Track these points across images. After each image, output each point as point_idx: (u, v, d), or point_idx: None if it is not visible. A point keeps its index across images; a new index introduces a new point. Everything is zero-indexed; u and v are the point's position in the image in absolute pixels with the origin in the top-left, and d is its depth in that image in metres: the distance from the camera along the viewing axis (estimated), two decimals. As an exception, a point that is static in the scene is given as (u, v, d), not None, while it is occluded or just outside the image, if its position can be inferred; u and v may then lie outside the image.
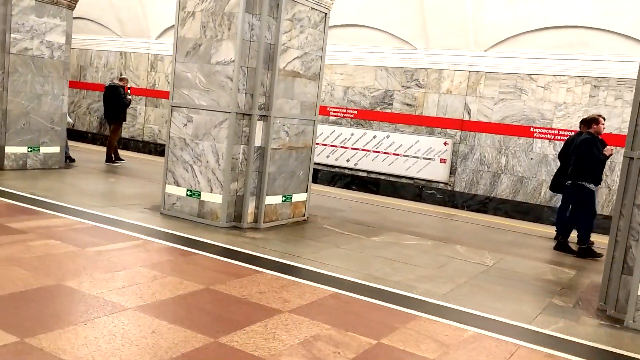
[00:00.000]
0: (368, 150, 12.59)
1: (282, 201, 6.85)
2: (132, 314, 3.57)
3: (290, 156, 6.88)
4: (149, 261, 4.76)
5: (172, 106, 6.70)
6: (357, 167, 12.70)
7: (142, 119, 15.92)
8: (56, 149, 9.37)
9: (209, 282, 4.36)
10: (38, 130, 9.02)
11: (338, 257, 5.56)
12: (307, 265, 5.13)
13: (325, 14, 6.98)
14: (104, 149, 13.89)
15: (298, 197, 7.12)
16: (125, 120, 11.27)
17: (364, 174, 12.60)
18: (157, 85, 15.91)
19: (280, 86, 6.49)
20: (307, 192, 7.28)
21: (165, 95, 15.96)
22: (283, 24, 6.33)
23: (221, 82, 6.29)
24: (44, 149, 9.16)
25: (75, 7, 9.38)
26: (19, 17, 8.54)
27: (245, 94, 6.32)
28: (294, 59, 6.63)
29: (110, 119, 10.87)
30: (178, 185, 6.68)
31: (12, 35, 8.49)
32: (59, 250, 4.78)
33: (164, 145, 16.04)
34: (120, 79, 11.15)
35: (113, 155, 10.81)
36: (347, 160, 12.67)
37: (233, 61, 6.19)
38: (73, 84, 15.61)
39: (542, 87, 10.59)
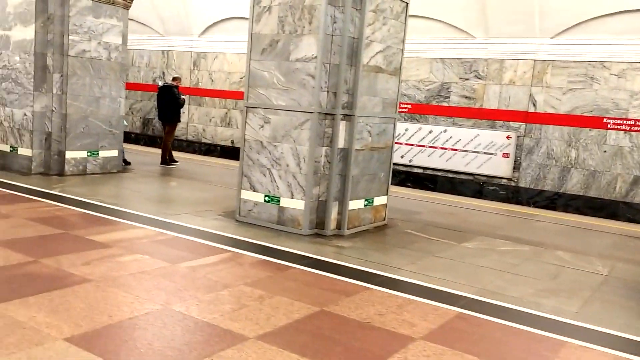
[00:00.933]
0: (424, 146, 12.10)
1: (364, 205, 6.44)
2: (256, 345, 3.20)
3: (372, 157, 6.45)
4: (248, 278, 4.40)
5: (247, 107, 6.32)
6: (412, 163, 12.21)
7: (185, 117, 15.65)
8: (114, 153, 9.13)
9: (320, 302, 3.98)
10: (97, 134, 8.77)
11: (440, 268, 5.13)
12: (412, 279, 4.71)
13: (407, 3, 6.51)
14: (149, 149, 13.71)
15: (379, 201, 6.70)
16: (179, 121, 10.97)
17: (420, 170, 12.11)
18: (200, 84, 15.63)
19: (364, 83, 6.05)
20: (387, 194, 6.85)
21: (208, 93, 15.68)
22: (367, 16, 5.89)
23: (302, 80, 5.89)
24: (102, 153, 8.92)
25: (130, 6, 9.09)
26: (77, 19, 8.27)
27: (328, 92, 5.91)
28: (376, 53, 6.19)
29: (165, 120, 10.58)
30: (255, 190, 6.31)
31: (70, 37, 8.23)
32: (152, 267, 4.46)
33: (208, 144, 15.83)
34: (174, 79, 10.85)
35: (167, 157, 10.53)
36: (402, 157, 12.18)
37: (315, 57, 5.78)
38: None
39: (615, 75, 9.93)
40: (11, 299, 3.53)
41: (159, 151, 14.03)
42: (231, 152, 15.13)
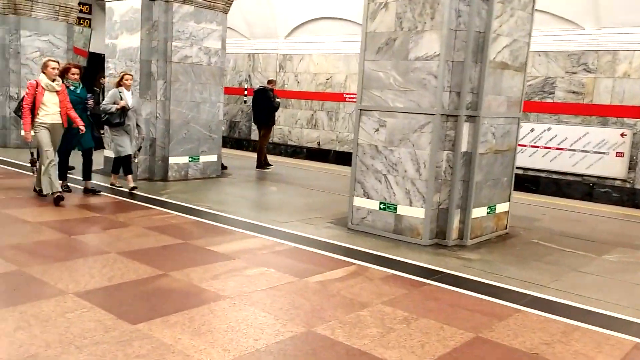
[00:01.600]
0: (524, 145, 11.34)
1: (487, 213, 5.96)
2: (420, 378, 2.86)
3: (496, 161, 5.96)
4: (384, 295, 4.07)
5: (360, 110, 6.02)
6: (512, 163, 11.45)
7: (271, 120, 15.62)
8: (214, 158, 9.14)
9: (472, 326, 3.58)
10: (198, 139, 8.80)
11: (590, 287, 4.58)
12: (564, 299, 4.20)
13: (536, -8, 5.98)
14: (236, 152, 13.76)
15: (501, 208, 6.20)
16: (274, 124, 10.88)
17: (520, 171, 11.31)
18: (286, 86, 15.56)
19: (490, 81, 5.58)
20: (509, 201, 6.33)
21: (294, 95, 15.56)
22: (495, 8, 5.41)
23: (422, 80, 5.51)
24: (203, 158, 8.94)
25: (229, 10, 9.06)
26: (180, 25, 8.32)
27: (450, 92, 5.49)
28: (503, 47, 5.70)
29: (260, 124, 10.50)
30: (369, 197, 6.00)
31: (173, 44, 8.28)
32: (280, 282, 4.23)
33: (294, 146, 15.72)
34: (269, 82, 10.75)
35: (263, 161, 10.45)
36: (501, 157, 11.47)
37: (438, 55, 5.37)
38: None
39: None
40: (153, 318, 3.40)
41: (246, 154, 14.13)
42: (318, 154, 14.96)
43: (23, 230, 5.27)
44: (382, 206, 5.90)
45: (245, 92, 16.60)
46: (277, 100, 10.54)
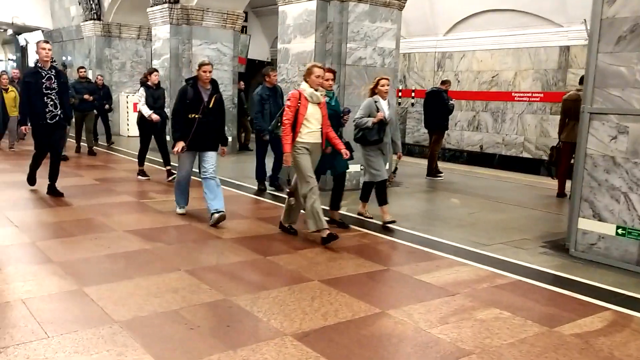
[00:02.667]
0: None
1: None
2: None
3: None
4: (678, 363, 3.07)
5: (590, 114, 4.96)
6: None
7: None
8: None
9: None
10: (370, 146, 8.22)
11: None
12: None
13: None
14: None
15: None
16: (447, 129, 10.02)
17: None
18: (444, 85, 14.56)
19: None
20: None
21: (453, 95, 14.41)
22: None
23: (687, 74, 4.33)
24: (374, 167, 8.34)
25: (404, 6, 8.39)
26: (354, 25, 7.80)
27: None
28: None
29: (433, 129, 9.68)
30: (601, 219, 4.92)
31: (347, 45, 7.79)
32: (527, 332, 3.40)
33: (453, 150, 14.62)
34: (443, 82, 9.90)
35: (434, 168, 9.63)
36: None
37: None
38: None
39: None
40: (393, 379, 2.77)
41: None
42: (479, 159, 13.76)
43: (217, 248, 5.02)
44: (620, 231, 4.79)
45: (400, 94, 15.88)
46: (452, 102, 9.64)
